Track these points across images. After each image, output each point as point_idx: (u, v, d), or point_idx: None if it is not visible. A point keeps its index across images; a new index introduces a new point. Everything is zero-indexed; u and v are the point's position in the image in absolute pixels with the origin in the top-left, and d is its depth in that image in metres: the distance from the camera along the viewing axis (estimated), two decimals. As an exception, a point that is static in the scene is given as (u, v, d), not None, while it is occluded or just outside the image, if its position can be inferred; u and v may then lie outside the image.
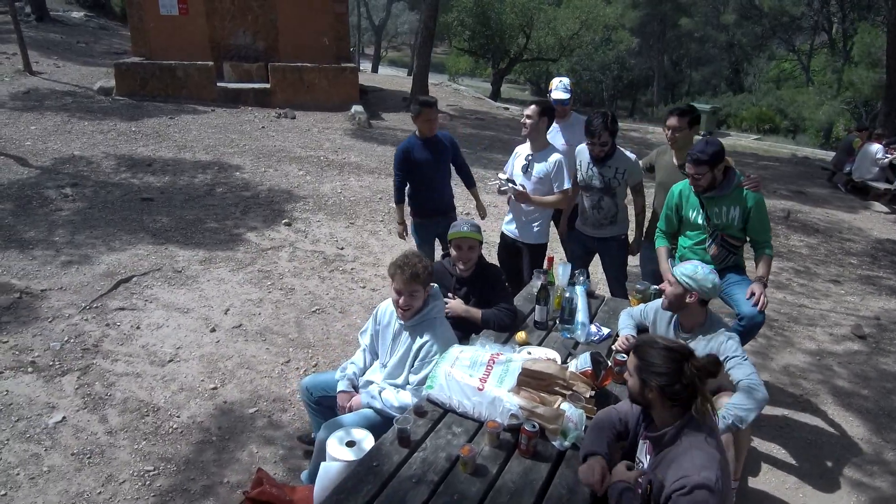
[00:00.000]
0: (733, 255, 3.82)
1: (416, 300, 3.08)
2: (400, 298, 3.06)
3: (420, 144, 4.82)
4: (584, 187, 4.47)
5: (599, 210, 4.43)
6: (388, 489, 2.27)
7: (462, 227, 3.65)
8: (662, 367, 2.14)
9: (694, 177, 3.61)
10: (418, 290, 3.05)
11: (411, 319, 3.13)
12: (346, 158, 10.27)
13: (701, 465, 2.05)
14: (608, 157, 4.28)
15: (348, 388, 3.29)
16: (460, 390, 2.73)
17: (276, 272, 5.93)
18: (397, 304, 3.09)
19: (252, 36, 14.53)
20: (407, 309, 3.08)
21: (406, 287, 3.02)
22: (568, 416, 2.57)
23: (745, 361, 2.93)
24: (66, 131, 10.14)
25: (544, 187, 4.43)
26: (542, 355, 3.13)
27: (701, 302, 3.04)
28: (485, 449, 2.51)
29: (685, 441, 2.13)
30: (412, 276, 3.01)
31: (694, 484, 2.01)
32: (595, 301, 4.01)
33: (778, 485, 3.69)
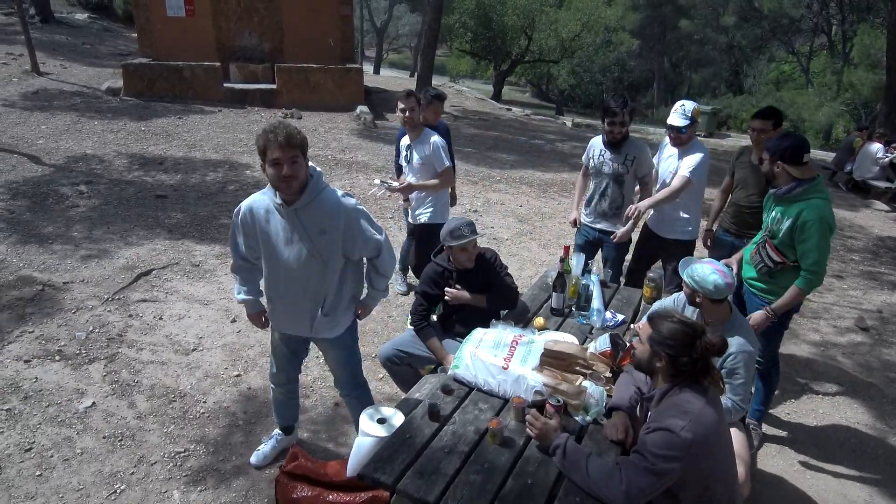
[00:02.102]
0: (768, 266, 3.52)
1: (299, 168, 2.68)
2: (282, 169, 2.63)
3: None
4: (593, 174, 4.54)
5: (605, 198, 4.44)
6: (422, 458, 2.41)
7: (465, 232, 3.53)
8: (675, 339, 2.25)
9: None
10: (298, 155, 2.66)
11: (301, 199, 2.75)
12: (354, 157, 10.40)
13: (672, 414, 2.17)
14: (622, 143, 4.34)
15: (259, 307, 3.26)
16: (485, 369, 2.86)
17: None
18: (279, 178, 2.65)
19: (258, 37, 14.66)
20: (293, 178, 2.66)
21: (285, 153, 2.62)
22: (590, 393, 2.70)
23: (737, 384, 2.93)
24: (77, 130, 10.27)
25: (427, 172, 4.65)
26: (562, 339, 3.25)
27: (712, 301, 3.02)
28: (511, 423, 2.64)
29: (668, 400, 2.26)
30: (288, 138, 2.62)
31: (658, 426, 2.15)
32: (608, 290, 4.14)
33: (786, 467, 3.81)
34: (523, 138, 13.88)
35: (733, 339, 2.94)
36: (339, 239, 2.85)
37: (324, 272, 2.91)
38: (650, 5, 32.24)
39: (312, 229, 2.80)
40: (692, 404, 2.18)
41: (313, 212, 2.79)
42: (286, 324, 3.14)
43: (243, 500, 3.26)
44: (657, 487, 2.15)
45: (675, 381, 2.28)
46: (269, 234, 2.87)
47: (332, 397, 4.18)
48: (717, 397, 2.34)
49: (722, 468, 2.29)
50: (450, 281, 3.74)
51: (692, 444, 2.09)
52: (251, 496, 3.29)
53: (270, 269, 2.96)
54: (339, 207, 2.83)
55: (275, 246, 2.88)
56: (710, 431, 2.16)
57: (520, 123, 16.57)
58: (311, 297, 2.97)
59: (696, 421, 2.14)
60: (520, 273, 6.30)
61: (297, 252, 2.85)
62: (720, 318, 3.05)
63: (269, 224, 2.86)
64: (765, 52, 33.94)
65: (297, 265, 2.87)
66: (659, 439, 2.12)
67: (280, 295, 3.01)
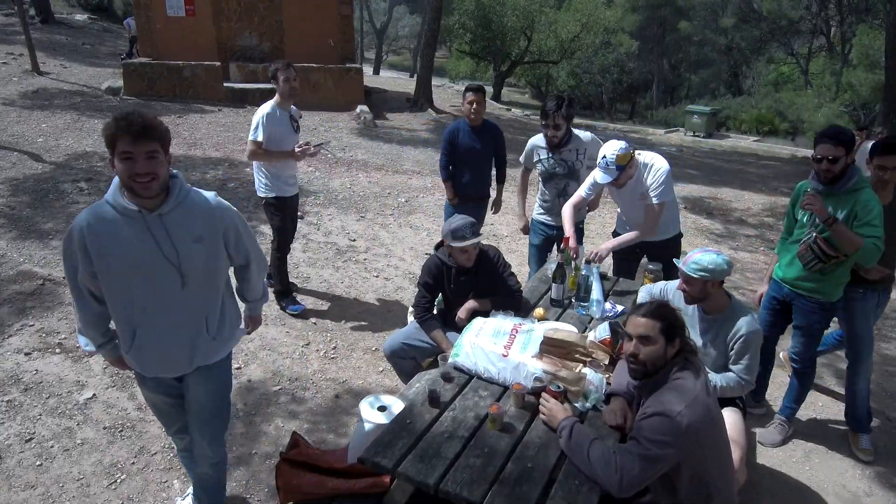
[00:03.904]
0: (820, 262, 3.42)
1: (158, 165, 2.15)
2: (134, 166, 2.10)
3: (468, 130, 4.99)
4: (547, 178, 4.50)
5: (566, 197, 4.37)
6: (423, 443, 2.41)
7: (467, 234, 3.50)
8: (680, 320, 2.29)
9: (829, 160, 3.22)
10: (157, 150, 2.15)
11: (167, 203, 2.25)
12: (354, 156, 10.42)
13: (668, 399, 2.18)
14: (566, 143, 4.34)
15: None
16: (486, 357, 2.87)
17: (291, 262, 6.03)
18: (132, 177, 2.12)
19: (258, 37, 14.69)
20: (151, 177, 2.14)
21: (139, 146, 2.09)
22: (589, 380, 2.71)
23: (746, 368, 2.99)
24: (77, 129, 10.27)
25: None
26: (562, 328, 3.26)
27: (720, 284, 3.02)
28: (511, 409, 2.65)
29: (669, 384, 2.27)
30: (143, 127, 2.10)
31: (654, 411, 2.16)
32: (607, 283, 4.14)
33: (785, 458, 3.82)
34: (523, 137, 13.87)
35: (741, 319, 2.99)
36: (221, 245, 2.44)
37: (204, 288, 2.42)
38: (649, 7, 32.34)
39: (184, 238, 2.29)
40: (690, 388, 2.19)
41: (183, 217, 2.29)
42: (156, 366, 2.48)
43: (243, 489, 3.27)
44: (652, 474, 2.16)
45: (672, 363, 2.29)
46: (121, 252, 2.24)
47: (332, 389, 4.19)
48: (708, 379, 2.36)
49: (718, 453, 2.29)
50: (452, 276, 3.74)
51: (689, 427, 2.10)
52: (251, 485, 3.30)
53: (128, 296, 2.32)
54: (214, 209, 2.39)
55: (133, 265, 2.25)
56: (707, 415, 2.17)
57: (520, 123, 16.61)
58: (191, 322, 2.42)
59: (694, 405, 2.14)
60: (520, 269, 6.29)
61: (166, 268, 2.29)
62: (723, 305, 3.07)
63: (120, 238, 2.23)
64: (764, 53, 34.01)
65: (169, 284, 2.31)
66: (655, 424, 2.13)
67: (147, 328, 2.37)
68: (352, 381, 4.32)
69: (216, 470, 2.80)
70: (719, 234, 8.14)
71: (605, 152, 3.80)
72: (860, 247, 3.22)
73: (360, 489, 2.62)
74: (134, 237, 2.23)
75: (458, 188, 5.11)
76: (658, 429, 2.12)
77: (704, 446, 2.19)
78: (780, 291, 3.78)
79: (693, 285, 3.00)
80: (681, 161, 13.07)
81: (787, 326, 3.94)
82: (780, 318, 3.89)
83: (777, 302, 3.83)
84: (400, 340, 3.75)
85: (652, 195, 3.91)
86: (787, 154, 16.95)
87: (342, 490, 2.63)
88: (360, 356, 4.62)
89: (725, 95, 33.10)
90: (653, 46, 34.51)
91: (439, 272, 3.72)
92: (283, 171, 4.86)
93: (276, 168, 4.82)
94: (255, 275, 2.73)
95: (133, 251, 2.24)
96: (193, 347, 2.45)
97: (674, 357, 2.29)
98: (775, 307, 3.86)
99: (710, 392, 2.29)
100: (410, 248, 6.75)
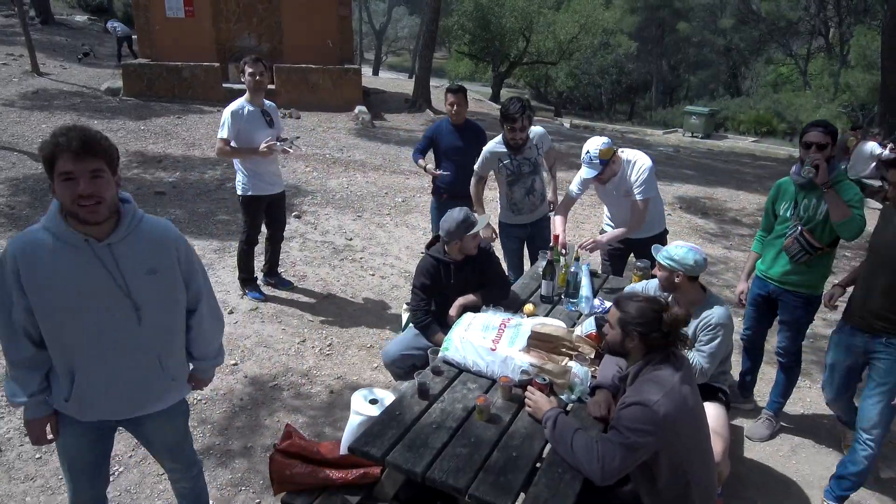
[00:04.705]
0: (806, 253, 3.52)
1: (104, 186, 1.93)
2: (76, 188, 1.88)
3: (451, 129, 5.08)
4: (514, 180, 4.54)
5: (533, 193, 4.56)
6: (411, 433, 2.48)
7: (473, 219, 3.61)
8: (643, 316, 2.35)
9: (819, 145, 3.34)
10: (102, 169, 1.92)
11: (117, 231, 2.03)
12: (352, 156, 10.50)
13: (646, 389, 2.26)
14: (526, 143, 4.43)
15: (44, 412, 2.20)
16: (474, 351, 2.94)
17: (288, 260, 6.13)
18: (75, 200, 1.89)
19: (257, 38, 14.78)
20: (96, 200, 1.91)
21: (81, 164, 1.87)
22: (574, 373, 2.78)
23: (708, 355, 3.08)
24: (77, 129, 10.34)
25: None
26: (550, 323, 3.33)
27: (690, 279, 3.15)
28: (498, 401, 2.72)
29: (643, 376, 2.34)
30: (85, 143, 1.88)
31: (633, 400, 2.23)
32: (597, 280, 4.21)
33: (772, 452, 3.89)
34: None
35: (714, 309, 3.11)
36: (178, 277, 2.21)
37: (161, 324, 2.21)
38: (648, 8, 32.41)
39: (136, 270, 2.08)
40: (667, 379, 2.26)
41: (135, 247, 2.08)
42: (103, 407, 2.20)
43: (240, 480, 3.34)
44: (632, 462, 2.22)
45: (648, 357, 2.36)
46: (63, 286, 1.99)
47: (328, 385, 4.26)
48: (690, 373, 2.42)
49: (697, 443, 2.36)
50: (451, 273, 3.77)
51: (666, 416, 2.17)
52: (248, 476, 3.37)
53: (72, 336, 2.07)
54: (169, 237, 2.18)
55: (78, 300, 2.02)
56: (685, 405, 2.24)
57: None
58: (147, 362, 2.21)
59: (671, 395, 2.21)
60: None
61: (118, 303, 2.07)
62: (696, 298, 3.18)
63: (61, 271, 1.98)
64: (762, 54, 34.10)
65: (121, 321, 2.09)
66: (634, 413, 2.20)
67: (94, 371, 2.12)
68: (347, 376, 4.38)
69: (195, 482, 2.69)
70: (713, 234, 8.21)
71: (589, 148, 3.94)
72: (848, 217, 3.32)
73: (351, 479, 2.69)
74: (78, 269, 1.99)
75: (443, 186, 5.18)
76: (637, 417, 2.19)
77: (682, 435, 2.26)
78: (766, 288, 3.85)
79: (661, 272, 3.19)
80: (677, 161, 13.15)
81: (773, 321, 4.01)
82: (765, 315, 3.98)
83: (762, 298, 3.90)
84: (399, 351, 3.76)
85: (636, 192, 4.03)
86: (784, 154, 17.00)
87: (334, 480, 2.70)
88: (355, 353, 4.69)
89: (724, 96, 33.18)
90: (652, 47, 34.59)
91: (436, 271, 3.73)
92: (261, 168, 4.91)
93: (254, 165, 4.87)
94: (206, 320, 2.38)
95: (78, 285, 2.00)
96: (146, 391, 2.24)
97: (651, 352, 2.36)
98: (760, 304, 3.94)
99: (690, 383, 2.36)
100: (406, 246, 6.82)
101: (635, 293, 2.49)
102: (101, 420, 2.24)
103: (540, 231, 4.74)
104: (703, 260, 3.14)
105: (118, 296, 2.06)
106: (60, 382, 2.14)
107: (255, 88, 4.78)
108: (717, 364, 3.19)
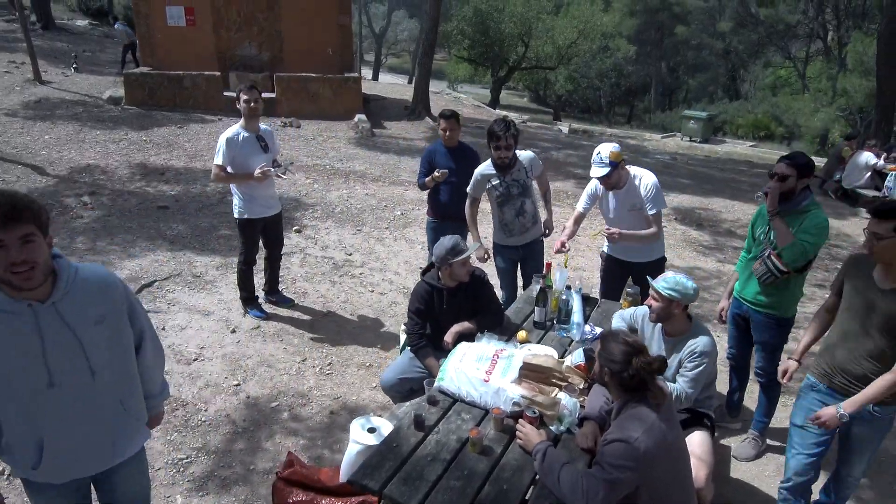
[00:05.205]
0: (773, 276, 3.66)
1: (37, 250, 1.90)
2: (8, 255, 1.84)
3: (444, 152, 5.23)
4: (503, 201, 4.66)
5: (524, 215, 4.68)
6: (408, 465, 2.61)
7: (463, 247, 3.76)
8: (616, 356, 2.49)
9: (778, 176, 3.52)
10: (33, 233, 1.88)
11: (57, 289, 2.00)
12: (352, 167, 10.62)
13: (627, 426, 2.39)
14: (514, 163, 4.57)
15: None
16: (468, 382, 3.07)
17: (288, 277, 6.26)
18: (7, 269, 1.85)
19: (257, 46, 14.89)
20: (29, 266, 1.88)
21: (10, 232, 1.83)
22: (563, 404, 2.91)
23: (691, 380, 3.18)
24: (80, 140, 10.48)
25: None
26: (541, 352, 3.46)
27: (683, 308, 3.27)
28: (490, 433, 2.85)
29: (625, 413, 2.47)
30: (13, 210, 1.83)
31: (615, 437, 2.37)
32: (589, 304, 4.34)
33: (758, 473, 4.00)
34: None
35: (699, 339, 3.22)
36: (125, 319, 2.22)
37: (116, 371, 2.19)
38: (647, 11, 32.56)
39: (84, 324, 2.06)
40: (647, 416, 2.39)
41: (79, 300, 2.05)
42: (75, 465, 2.20)
43: (242, 504, 3.47)
44: (615, 497, 2.35)
45: (627, 395, 2.49)
46: (10, 355, 1.97)
47: (328, 405, 4.38)
48: (670, 410, 2.55)
49: (676, 474, 2.49)
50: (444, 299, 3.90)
51: (646, 453, 2.30)
52: (250, 501, 3.48)
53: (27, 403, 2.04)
54: (109, 281, 2.17)
55: (28, 367, 1.99)
56: (664, 441, 2.37)
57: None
58: (108, 409, 2.19)
59: (650, 431, 2.34)
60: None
61: (71, 361, 2.05)
62: (685, 328, 3.30)
63: (5, 339, 1.96)
64: (761, 57, 34.22)
65: (76, 379, 2.07)
66: (616, 450, 2.33)
67: (57, 432, 2.10)
68: (347, 396, 4.51)
69: None
70: (707, 246, 8.33)
71: (600, 150, 4.10)
72: (790, 242, 3.53)
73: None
74: (23, 334, 1.95)
75: (438, 207, 5.32)
76: (619, 454, 2.33)
77: (661, 469, 2.39)
78: (741, 308, 4.02)
79: (660, 302, 3.24)
80: (674, 170, 13.27)
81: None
82: (745, 333, 4.12)
83: (740, 318, 4.07)
84: (396, 376, 3.91)
85: (647, 206, 4.19)
86: (780, 161, 17.12)
87: (334, 508, 2.83)
88: (354, 372, 4.82)
89: (723, 99, 33.32)
90: (651, 50, 34.74)
91: (430, 297, 3.88)
92: (257, 191, 5.06)
93: (249, 189, 5.02)
94: (149, 356, 2.38)
95: (25, 351, 1.97)
96: (115, 433, 2.24)
97: (626, 391, 2.49)
98: (739, 323, 4.11)
99: (670, 418, 2.49)
100: (405, 261, 6.95)
101: (619, 333, 2.61)
102: (75, 479, 2.23)
103: (532, 254, 4.85)
104: (697, 288, 3.25)
105: (73, 353, 2.04)
106: (23, 451, 2.09)
107: (249, 115, 4.94)
108: (701, 389, 3.32)
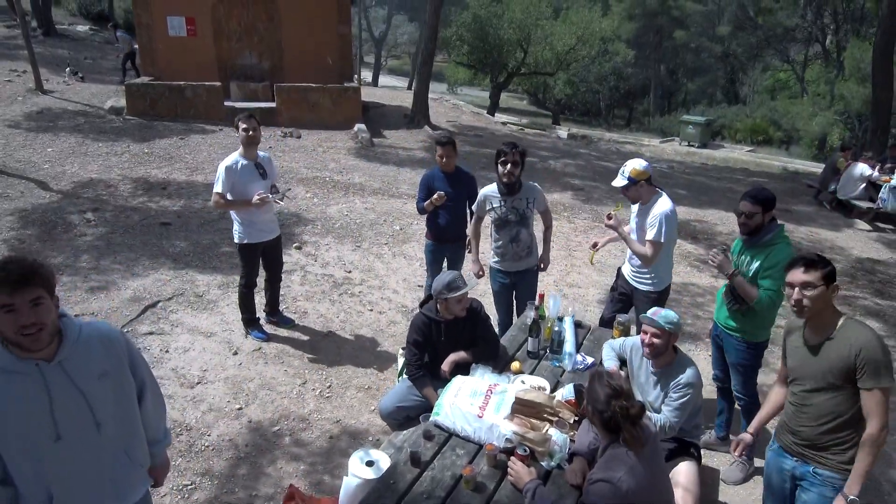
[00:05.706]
0: (737, 303, 3.86)
1: (45, 312, 1.98)
2: (18, 318, 1.93)
3: (442, 177, 5.37)
4: (500, 225, 4.79)
5: (518, 243, 4.78)
6: (404, 504, 2.73)
7: (460, 284, 3.86)
8: (598, 397, 2.62)
9: (745, 215, 3.69)
10: (42, 296, 1.98)
11: (63, 347, 2.07)
12: (351, 179, 10.74)
13: (611, 466, 2.51)
14: (518, 189, 4.69)
15: None
16: (463, 417, 3.19)
17: (289, 296, 6.38)
18: (17, 331, 1.93)
19: (258, 56, 15.03)
20: (38, 328, 1.96)
21: (19, 296, 1.92)
22: (554, 441, 3.03)
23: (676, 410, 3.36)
24: (82, 153, 10.61)
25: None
26: (534, 383, 3.59)
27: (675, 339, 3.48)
28: (484, 469, 2.97)
29: (609, 452, 2.60)
30: (22, 276, 1.93)
31: (599, 477, 2.50)
32: (582, 331, 4.46)
33: (746, 496, 4.12)
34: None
35: (687, 369, 3.39)
36: (127, 372, 2.29)
37: (121, 423, 2.26)
38: (646, 15, 32.68)
39: (89, 379, 2.13)
40: (629, 456, 2.52)
41: (83, 356, 2.13)
42: None
43: (245, 531, 3.59)
44: None
45: (611, 435, 2.62)
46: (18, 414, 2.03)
47: (328, 429, 4.50)
48: (654, 445, 2.67)
49: None
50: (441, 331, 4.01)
51: (628, 492, 2.44)
52: (252, 527, 3.61)
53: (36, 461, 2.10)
54: (112, 335, 2.26)
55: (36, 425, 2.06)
56: (646, 479, 2.51)
57: (515, 138, 16.90)
58: (113, 459, 2.27)
59: (633, 471, 2.48)
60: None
61: (77, 418, 2.12)
62: (671, 359, 3.45)
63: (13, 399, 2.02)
64: (760, 60, 34.33)
65: (83, 434, 2.14)
66: (600, 489, 2.47)
67: (65, 485, 2.17)
68: (346, 420, 4.63)
69: None
70: (702, 261, 8.41)
71: (628, 163, 4.31)
72: (755, 298, 3.71)
73: (349, 540, 2.94)
74: (30, 394, 2.03)
75: (436, 231, 5.44)
76: (603, 493, 2.46)
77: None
78: (717, 330, 4.23)
79: (661, 338, 3.38)
80: (671, 180, 13.39)
81: None
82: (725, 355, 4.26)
83: (719, 339, 4.25)
84: (394, 404, 4.05)
85: (648, 230, 4.30)
86: (778, 167, 17.27)
87: (333, 540, 2.95)
88: (353, 394, 4.94)
89: (722, 103, 33.43)
90: (649, 53, 34.85)
91: (427, 329, 4.00)
92: (256, 217, 5.20)
93: (249, 215, 5.16)
94: (150, 404, 2.45)
95: (34, 409, 2.04)
96: (119, 483, 2.31)
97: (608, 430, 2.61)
98: (719, 345, 4.27)
99: (652, 456, 2.62)
100: (403, 279, 7.07)
101: (606, 373, 2.73)
102: None
103: (524, 283, 4.94)
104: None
105: (78, 408, 2.11)
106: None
107: (248, 143, 5.08)
108: (687, 418, 3.45)
